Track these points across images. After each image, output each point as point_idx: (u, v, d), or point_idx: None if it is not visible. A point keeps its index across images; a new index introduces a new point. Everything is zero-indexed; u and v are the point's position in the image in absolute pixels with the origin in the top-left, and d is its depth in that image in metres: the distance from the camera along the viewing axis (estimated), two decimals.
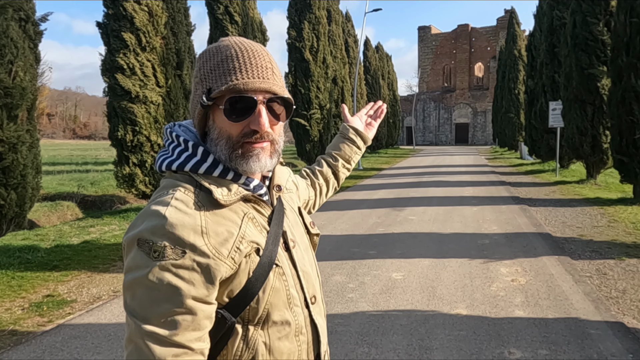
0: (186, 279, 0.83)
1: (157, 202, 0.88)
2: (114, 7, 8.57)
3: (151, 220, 0.85)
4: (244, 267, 0.89)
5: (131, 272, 0.84)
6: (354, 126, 1.50)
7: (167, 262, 0.82)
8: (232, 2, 14.00)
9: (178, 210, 0.85)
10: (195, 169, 0.93)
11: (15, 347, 3.48)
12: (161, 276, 0.82)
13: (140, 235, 0.84)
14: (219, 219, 0.89)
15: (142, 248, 0.83)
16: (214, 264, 0.85)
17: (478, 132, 57.08)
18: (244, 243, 0.90)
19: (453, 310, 3.99)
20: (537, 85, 18.03)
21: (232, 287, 0.89)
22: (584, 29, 11.84)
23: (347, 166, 1.51)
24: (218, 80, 0.92)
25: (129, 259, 0.85)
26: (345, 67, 24.31)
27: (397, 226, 7.66)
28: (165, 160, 0.97)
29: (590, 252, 5.85)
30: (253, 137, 0.92)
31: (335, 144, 1.51)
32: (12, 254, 5.90)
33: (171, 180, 0.94)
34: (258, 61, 0.93)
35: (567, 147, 13.47)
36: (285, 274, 0.97)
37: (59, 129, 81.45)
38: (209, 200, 0.90)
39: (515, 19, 31.03)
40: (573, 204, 9.60)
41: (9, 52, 5.72)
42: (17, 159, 5.87)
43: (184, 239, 0.83)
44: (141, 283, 0.82)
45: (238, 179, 0.96)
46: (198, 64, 0.98)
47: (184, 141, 0.96)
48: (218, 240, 0.87)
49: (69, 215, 11.16)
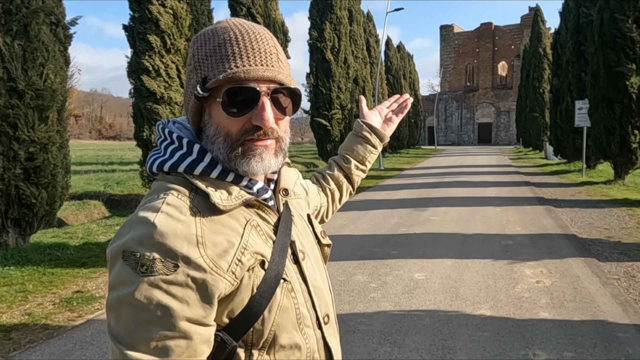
0: (179, 297, 0.71)
1: (145, 207, 0.76)
2: (140, 10, 8.75)
3: (138, 228, 0.73)
4: (246, 283, 0.78)
5: (115, 289, 0.72)
6: (368, 122, 1.30)
7: (156, 277, 0.70)
8: (254, 4, 14.13)
9: (170, 217, 0.74)
10: (190, 169, 0.81)
11: (47, 341, 3.60)
12: (150, 294, 0.70)
13: (125, 246, 0.72)
14: (218, 227, 0.77)
15: (128, 261, 0.71)
16: (212, 279, 0.73)
17: (501, 131, 56.22)
18: (247, 255, 0.78)
19: (476, 311, 3.97)
20: (562, 84, 17.68)
21: (232, 306, 0.77)
22: (612, 26, 11.57)
23: (362, 167, 1.32)
24: (215, 68, 0.79)
25: (113, 274, 0.73)
26: (366, 67, 24.27)
27: (419, 226, 7.62)
28: (156, 160, 0.84)
29: (618, 254, 5.72)
30: (255, 134, 0.80)
31: (348, 143, 1.32)
32: (42, 251, 6.09)
33: (163, 182, 0.82)
34: (261, 46, 0.80)
35: (593, 146, 13.17)
36: (294, 290, 0.85)
37: (86, 130, 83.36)
38: (206, 206, 0.78)
39: (540, 16, 30.47)
40: (600, 205, 9.39)
41: (40, 55, 5.90)
42: (48, 158, 6.05)
43: (176, 250, 0.71)
44: (127, 302, 0.70)
45: (239, 181, 0.83)
46: (192, 49, 0.85)
47: (178, 138, 0.85)
48: (216, 252, 0.75)
49: (95, 213, 11.44)
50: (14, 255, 5.77)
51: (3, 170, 5.68)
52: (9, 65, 5.64)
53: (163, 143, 0.86)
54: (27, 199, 5.92)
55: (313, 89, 19.10)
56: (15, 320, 4.02)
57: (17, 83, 5.67)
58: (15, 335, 3.70)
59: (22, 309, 4.27)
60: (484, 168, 19.89)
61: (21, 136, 5.74)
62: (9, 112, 5.64)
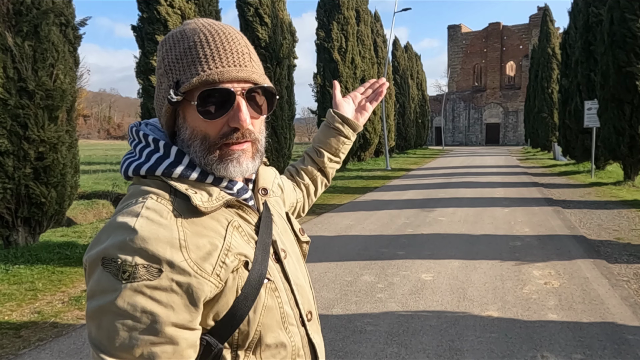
0: (164, 302, 0.69)
1: (124, 212, 0.74)
2: (148, 11, 8.80)
3: (118, 234, 0.71)
4: (231, 285, 0.77)
5: (95, 298, 0.70)
6: (340, 112, 1.26)
7: (139, 283, 0.68)
8: (262, 4, 14.15)
9: (150, 222, 0.72)
10: (168, 172, 0.79)
11: (56, 339, 3.63)
12: (133, 301, 0.68)
13: (105, 252, 0.70)
14: (200, 230, 0.76)
15: (108, 268, 0.69)
16: (197, 282, 0.72)
17: (509, 132, 55.90)
18: (230, 256, 0.77)
19: (484, 312, 3.95)
20: (571, 84, 17.55)
21: (218, 309, 0.76)
22: (622, 26, 11.47)
23: (336, 159, 1.30)
24: (187, 71, 0.78)
25: (93, 282, 0.71)
26: (373, 67, 24.23)
27: (426, 227, 7.60)
28: (132, 164, 0.82)
29: (627, 256, 5.68)
30: (234, 136, 0.79)
31: (320, 135, 1.29)
32: (52, 249, 6.14)
33: (140, 186, 0.80)
34: (233, 46, 0.80)
35: (603, 147, 13.07)
36: (278, 289, 0.84)
37: (94, 130, 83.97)
38: (187, 208, 0.77)
39: (549, 16, 30.26)
40: (609, 206, 9.31)
41: (50, 56, 5.95)
42: (57, 158, 6.10)
43: (159, 254, 0.70)
44: (109, 310, 0.68)
45: (219, 182, 0.83)
46: (160, 52, 0.83)
47: (154, 141, 0.83)
48: (200, 255, 0.73)
49: (104, 213, 11.52)
50: (24, 254, 5.82)
51: (13, 169, 5.74)
52: (20, 66, 5.69)
53: (138, 146, 0.84)
54: (37, 198, 5.97)
55: (320, 89, 19.11)
56: (25, 318, 4.06)
57: (27, 83, 5.72)
58: (25, 333, 3.73)
59: (31, 307, 4.31)
60: (491, 169, 19.79)
61: (31, 136, 5.80)
62: (19, 112, 5.70)
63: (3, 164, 5.66)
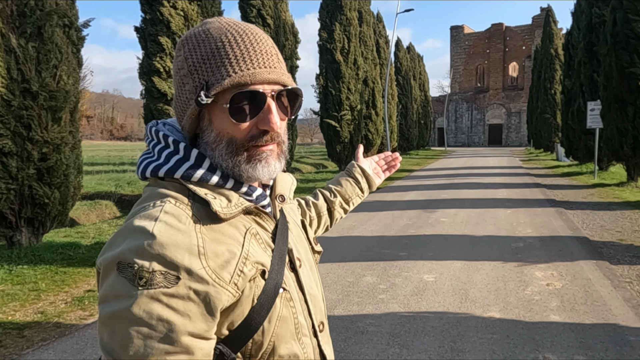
0: (181, 311, 0.68)
1: (142, 216, 0.72)
2: (151, 12, 8.82)
3: (135, 238, 0.69)
4: (247, 294, 0.75)
5: (109, 303, 0.68)
6: (362, 166, 1.33)
7: (156, 290, 0.66)
8: (264, 5, 14.19)
9: (169, 227, 0.70)
10: (187, 175, 0.77)
11: (59, 339, 3.65)
12: (149, 308, 0.66)
13: (121, 257, 0.68)
14: (218, 236, 0.74)
15: (124, 273, 0.67)
16: (214, 291, 0.70)
17: (512, 133, 55.81)
18: (248, 265, 0.75)
19: (486, 313, 3.95)
20: (574, 85, 17.52)
21: (233, 318, 0.75)
22: (625, 27, 11.45)
23: (345, 206, 1.32)
24: (216, 73, 0.76)
25: (106, 287, 0.69)
26: (376, 68, 24.22)
27: (429, 228, 7.59)
28: (150, 165, 0.80)
29: (630, 257, 5.66)
30: (262, 139, 0.78)
31: (338, 179, 1.33)
32: (55, 250, 6.16)
33: (157, 189, 0.77)
34: (262, 47, 0.78)
35: (606, 148, 13.04)
36: (292, 299, 0.83)
37: (97, 131, 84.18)
38: (206, 214, 0.75)
39: (552, 17, 30.23)
40: (612, 207, 9.29)
41: (53, 57, 5.98)
42: (61, 159, 6.13)
43: (177, 261, 0.68)
44: (124, 317, 0.66)
45: (239, 187, 0.81)
46: (182, 52, 0.80)
47: (174, 142, 0.80)
48: (218, 263, 0.72)
49: (107, 213, 11.56)
50: (27, 254, 5.85)
51: (17, 170, 5.77)
52: (23, 67, 5.72)
53: (157, 147, 0.82)
54: (40, 198, 5.99)
55: (323, 90, 19.11)
56: (28, 318, 4.07)
57: (31, 84, 5.75)
58: (28, 333, 3.75)
59: (35, 307, 4.33)
60: (494, 169, 19.76)
61: (35, 137, 5.82)
62: (23, 113, 5.73)
63: (7, 164, 5.69)
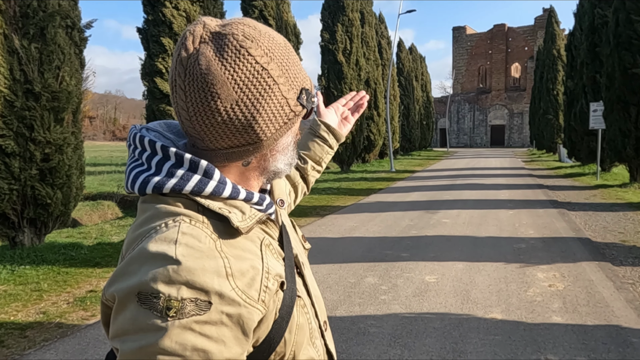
0: (215, 337, 0.63)
1: (157, 239, 0.65)
2: (154, 13, 8.84)
3: (156, 265, 0.62)
4: (271, 309, 0.71)
5: (130, 337, 0.61)
6: (325, 121, 1.24)
7: (189, 319, 0.61)
8: (266, 6, 14.20)
9: (191, 249, 0.64)
10: (198, 189, 0.69)
11: (61, 339, 3.65)
12: (182, 339, 0.60)
13: (142, 287, 0.61)
14: (239, 253, 0.69)
15: (147, 304, 0.61)
16: (247, 312, 0.66)
17: (514, 134, 55.72)
18: (271, 279, 0.71)
19: (488, 314, 3.94)
20: (577, 86, 17.48)
21: (259, 334, 0.71)
22: (627, 27, 11.42)
23: (318, 168, 1.27)
24: (306, 79, 0.77)
25: (125, 320, 0.62)
26: (378, 69, 24.23)
27: (430, 229, 7.59)
28: (150, 180, 0.70)
29: (633, 259, 5.65)
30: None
31: (304, 142, 1.26)
32: (57, 250, 6.18)
33: (162, 206, 0.70)
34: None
35: (608, 149, 13.02)
36: (306, 305, 0.81)
37: (100, 131, 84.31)
38: (222, 229, 0.69)
39: (555, 17, 30.17)
40: (615, 209, 9.27)
41: (56, 58, 5.99)
42: (63, 159, 6.14)
43: (207, 286, 0.63)
44: (153, 352, 0.60)
45: (250, 197, 0.75)
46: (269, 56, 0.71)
47: (176, 155, 0.71)
48: (245, 282, 0.67)
49: (109, 214, 11.58)
50: (30, 255, 5.86)
51: (19, 170, 5.78)
52: (26, 68, 5.74)
53: (153, 159, 0.72)
54: (43, 199, 6.01)
55: (325, 90, 19.12)
56: (30, 318, 4.08)
57: (33, 85, 5.77)
58: (31, 334, 3.76)
59: (37, 307, 4.34)
60: (496, 170, 19.73)
61: (37, 137, 5.84)
62: (26, 113, 5.74)
63: (9, 165, 5.70)
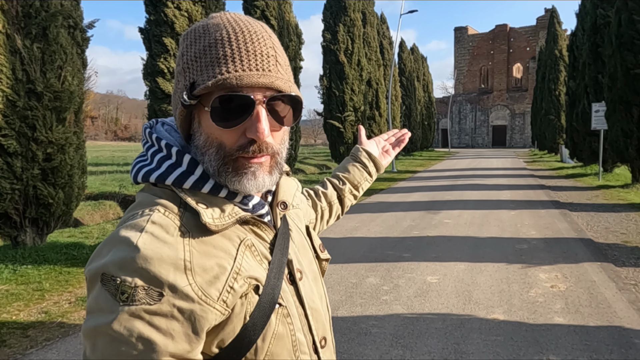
0: (163, 329, 0.64)
1: (128, 225, 0.68)
2: (156, 13, 8.85)
3: (119, 250, 0.65)
4: (238, 311, 0.70)
5: (92, 315, 0.65)
6: (367, 149, 1.28)
7: (138, 307, 0.63)
8: (268, 6, 14.21)
9: (155, 239, 0.66)
10: (179, 182, 0.72)
11: (63, 339, 3.66)
12: (130, 325, 0.62)
13: (105, 269, 0.64)
14: (208, 249, 0.69)
15: (107, 286, 0.64)
16: (200, 309, 0.66)
17: (516, 134, 55.65)
18: (240, 280, 0.70)
19: (490, 315, 3.93)
20: (579, 87, 17.45)
21: (223, 336, 0.70)
22: (630, 28, 11.40)
23: (355, 192, 1.27)
24: (204, 72, 0.70)
25: (91, 299, 0.66)
26: (379, 69, 24.22)
27: (432, 229, 7.58)
28: (142, 169, 0.76)
29: (635, 259, 5.63)
30: (250, 149, 0.72)
31: (345, 165, 1.28)
32: (59, 250, 6.18)
33: (148, 195, 0.74)
34: (257, 47, 0.71)
35: (610, 150, 12.98)
36: (290, 315, 0.78)
37: (101, 131, 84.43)
38: (196, 224, 0.70)
39: (556, 18, 30.13)
40: (617, 209, 9.24)
41: (58, 58, 6.00)
42: (65, 159, 6.15)
43: (161, 277, 0.64)
44: (104, 332, 0.63)
45: (233, 196, 0.75)
46: (181, 47, 0.75)
47: (167, 146, 0.76)
48: (206, 279, 0.67)
49: (111, 214, 11.59)
50: (32, 254, 5.87)
51: (22, 170, 5.79)
52: (28, 68, 5.74)
53: (150, 149, 0.78)
54: (45, 199, 6.02)
55: (326, 91, 19.12)
56: (32, 318, 4.09)
57: (35, 85, 5.78)
58: (32, 333, 3.76)
59: (38, 307, 4.35)
60: (498, 171, 19.71)
61: (39, 137, 5.85)
62: (28, 113, 5.75)
63: (11, 164, 5.71)
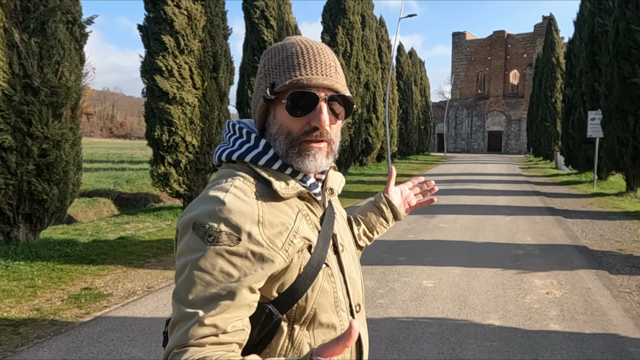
0: (238, 266, 0.82)
1: (216, 188, 0.89)
2: (155, 11, 8.81)
3: (209, 204, 0.85)
4: (296, 262, 0.89)
5: (184, 255, 0.84)
6: (388, 197, 1.38)
7: (221, 247, 0.82)
8: (268, 7, 14.18)
9: (237, 198, 0.86)
10: (255, 160, 0.94)
11: (55, 337, 3.61)
12: (214, 261, 0.81)
13: (196, 218, 0.84)
14: (276, 211, 0.89)
15: (197, 232, 0.83)
16: (268, 253, 0.84)
17: (512, 140, 55.86)
18: (297, 238, 0.90)
19: (485, 320, 3.93)
20: (575, 94, 17.54)
21: (283, 282, 0.88)
22: (627, 37, 11.47)
23: (369, 235, 1.36)
24: (282, 75, 0.92)
25: (183, 243, 0.85)
26: (377, 73, 24.25)
27: (428, 233, 7.57)
28: (225, 151, 0.98)
29: (630, 267, 5.65)
30: (313, 134, 0.92)
31: (364, 210, 1.40)
32: (52, 246, 6.13)
33: (229, 169, 0.95)
34: (322, 58, 0.94)
35: (606, 158, 13.04)
36: (333, 276, 0.96)
37: (97, 128, 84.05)
38: (267, 192, 0.91)
39: (554, 25, 30.29)
40: (612, 217, 9.28)
41: (56, 53, 5.95)
42: (61, 155, 6.10)
43: (240, 226, 0.83)
44: (193, 266, 0.82)
45: (296, 175, 0.96)
46: (263, 60, 0.99)
47: (247, 133, 0.98)
48: (273, 232, 0.87)
49: (105, 211, 11.52)
50: (24, 251, 5.81)
51: (16, 165, 5.73)
52: (25, 62, 5.70)
53: (232, 137, 0.99)
54: (39, 194, 5.96)
55: None
56: (24, 315, 4.04)
57: (32, 80, 5.73)
58: (24, 330, 3.72)
59: (30, 304, 4.30)
60: (493, 176, 19.76)
61: (35, 132, 5.79)
62: (24, 108, 5.70)
63: (6, 159, 5.66)
